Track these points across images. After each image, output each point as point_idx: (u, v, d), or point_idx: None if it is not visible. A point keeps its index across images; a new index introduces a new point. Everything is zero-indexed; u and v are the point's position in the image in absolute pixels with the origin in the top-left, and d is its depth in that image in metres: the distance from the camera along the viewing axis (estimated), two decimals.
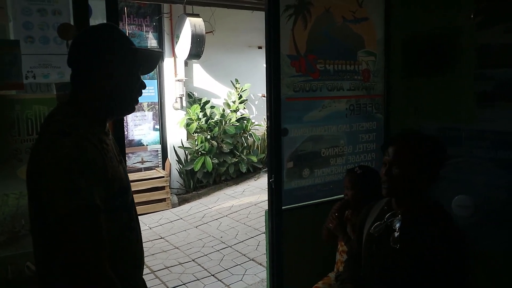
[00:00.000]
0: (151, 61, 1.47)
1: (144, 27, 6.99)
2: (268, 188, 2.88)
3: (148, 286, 1.59)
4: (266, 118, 2.83)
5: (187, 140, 7.30)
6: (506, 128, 2.51)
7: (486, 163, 2.54)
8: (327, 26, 2.97)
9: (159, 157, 7.33)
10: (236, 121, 7.37)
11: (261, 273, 4.13)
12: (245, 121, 7.53)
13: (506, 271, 2.58)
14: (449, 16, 2.77)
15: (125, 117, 6.83)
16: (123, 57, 1.34)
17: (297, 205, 2.95)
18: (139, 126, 7.17)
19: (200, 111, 7.11)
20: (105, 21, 2.20)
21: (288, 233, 2.90)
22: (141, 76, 1.42)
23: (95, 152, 1.25)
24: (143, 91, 1.43)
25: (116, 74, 1.33)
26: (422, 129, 2.97)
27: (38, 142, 1.29)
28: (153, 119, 7.29)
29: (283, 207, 2.86)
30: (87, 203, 1.17)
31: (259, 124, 7.82)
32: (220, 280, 4.12)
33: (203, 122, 7.09)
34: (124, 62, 1.34)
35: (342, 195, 2.67)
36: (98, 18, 3.13)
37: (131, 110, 1.44)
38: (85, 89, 1.33)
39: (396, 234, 1.73)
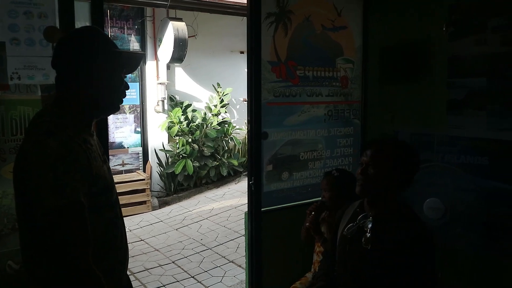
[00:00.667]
0: (134, 62, 1.54)
1: (126, 30, 7.01)
2: (248, 190, 2.94)
3: None
4: (247, 122, 2.90)
5: (168, 143, 7.32)
6: (474, 134, 2.63)
7: (456, 167, 2.65)
8: (307, 33, 3.06)
9: (140, 160, 7.33)
10: (217, 124, 7.43)
11: (240, 275, 4.19)
12: (227, 125, 7.59)
13: (473, 269, 2.70)
14: (423, 27, 2.89)
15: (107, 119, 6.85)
16: (107, 60, 1.39)
17: (276, 207, 3.01)
18: (120, 129, 7.17)
19: (182, 114, 7.15)
20: (89, 24, 2.25)
21: (267, 234, 2.96)
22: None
23: (79, 151, 1.30)
24: (126, 92, 1.49)
25: (100, 76, 1.38)
26: (396, 135, 3.09)
27: (25, 142, 1.33)
28: (135, 121, 7.29)
29: (262, 209, 2.92)
30: (72, 200, 1.22)
31: (240, 128, 7.89)
32: (200, 282, 4.16)
33: (185, 125, 7.13)
34: (108, 64, 1.39)
35: (320, 198, 2.76)
36: (81, 20, 3.17)
37: (115, 109, 1.50)
38: (70, 91, 1.37)
39: (368, 235, 1.82)
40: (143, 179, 6.72)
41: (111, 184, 1.47)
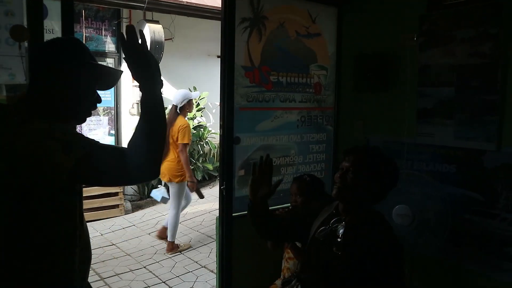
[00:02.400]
0: (110, 78, 1.56)
1: (102, 31, 6.91)
2: (219, 195, 2.93)
3: None
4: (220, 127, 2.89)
5: None
6: (442, 142, 2.69)
7: (424, 175, 2.70)
8: (281, 39, 3.08)
9: None
10: (193, 128, 7.38)
11: (212, 280, 4.15)
12: (202, 129, 7.55)
13: (440, 275, 2.75)
14: (395, 36, 2.93)
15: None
16: (81, 70, 1.41)
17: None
18: (94, 131, 7.05)
19: None
20: (60, 22, 2.20)
21: (238, 240, 2.95)
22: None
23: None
24: (101, 94, 1.51)
25: (71, 85, 1.40)
26: (368, 141, 3.13)
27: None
28: (109, 124, 7.19)
29: (233, 214, 2.92)
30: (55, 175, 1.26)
31: (215, 132, 7.86)
32: (171, 287, 4.12)
33: None
34: (81, 75, 1.41)
35: (290, 204, 2.76)
36: (54, 19, 3.10)
37: (81, 121, 1.51)
38: (42, 94, 1.38)
39: (339, 240, 1.83)
40: None
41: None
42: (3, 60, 2.08)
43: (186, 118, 4.95)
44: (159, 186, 5.64)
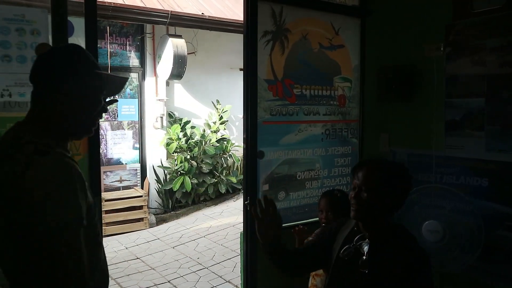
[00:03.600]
0: (116, 85, 1.49)
1: (126, 46, 7.02)
2: (243, 210, 2.89)
3: None
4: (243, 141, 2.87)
5: (166, 159, 7.28)
6: (473, 155, 2.60)
7: (454, 189, 2.61)
8: (304, 52, 3.05)
9: (138, 176, 7.28)
10: (216, 141, 7.40)
11: None
12: (225, 142, 7.56)
13: None
14: (420, 47, 2.87)
15: (104, 135, 6.81)
16: (85, 80, 1.35)
17: None
18: (118, 145, 7.13)
19: (181, 131, 7.12)
20: (83, 40, 2.23)
21: (263, 255, 2.89)
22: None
23: (76, 167, 1.26)
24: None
25: (75, 95, 1.33)
26: (394, 155, 3.05)
27: (10, 165, 1.24)
28: (133, 138, 7.26)
29: None
30: (76, 217, 1.21)
31: (239, 145, 7.84)
32: None
33: (183, 142, 7.10)
34: (85, 84, 1.35)
35: (317, 218, 2.70)
36: (79, 35, 3.15)
37: (88, 132, 1.43)
38: (45, 108, 1.32)
39: (364, 258, 1.77)
40: (141, 196, 6.66)
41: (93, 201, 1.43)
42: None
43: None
44: None
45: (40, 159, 1.21)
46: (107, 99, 1.47)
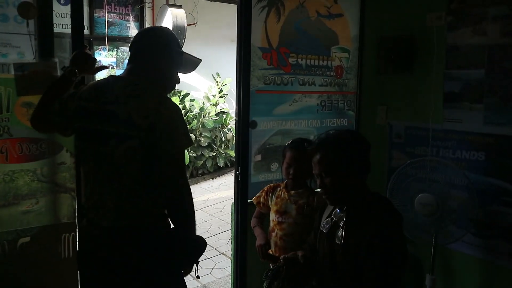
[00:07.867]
0: (192, 64, 1.89)
1: (125, 16, 6.90)
2: (234, 180, 2.85)
3: None
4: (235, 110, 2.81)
5: None
6: (470, 128, 2.53)
7: (450, 162, 2.55)
8: (301, 20, 2.95)
9: None
10: (215, 115, 7.34)
11: (231, 268, 4.10)
12: (224, 115, 7.49)
13: (464, 270, 2.63)
14: (421, 17, 2.77)
15: None
16: (173, 55, 1.77)
17: None
18: None
19: (179, 104, 7.05)
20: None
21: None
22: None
23: None
24: None
25: (165, 66, 1.76)
26: (391, 127, 2.99)
27: (139, 101, 1.62)
28: None
29: (249, 200, 2.83)
30: (190, 138, 1.72)
31: None
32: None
33: None
34: (172, 59, 1.77)
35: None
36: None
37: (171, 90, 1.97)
38: (146, 70, 1.72)
39: (341, 230, 1.73)
40: None
41: None
42: (12, 38, 2.04)
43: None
44: None
45: (168, 98, 1.68)
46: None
